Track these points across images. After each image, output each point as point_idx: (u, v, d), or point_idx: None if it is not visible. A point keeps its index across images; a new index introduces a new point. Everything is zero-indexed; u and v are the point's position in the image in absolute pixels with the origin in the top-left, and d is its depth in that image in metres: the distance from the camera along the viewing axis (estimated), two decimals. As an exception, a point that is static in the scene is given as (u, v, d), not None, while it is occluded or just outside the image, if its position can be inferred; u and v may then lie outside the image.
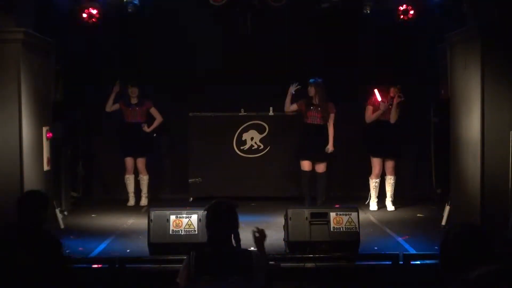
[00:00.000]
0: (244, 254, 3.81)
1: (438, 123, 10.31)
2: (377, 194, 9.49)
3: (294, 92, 9.51)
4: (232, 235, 3.84)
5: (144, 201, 10.04)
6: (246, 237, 4.18)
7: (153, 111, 10.03)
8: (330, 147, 9.34)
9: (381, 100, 9.30)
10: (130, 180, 10.05)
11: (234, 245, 3.92)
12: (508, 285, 2.83)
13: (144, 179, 10.06)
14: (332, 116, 9.34)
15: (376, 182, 9.47)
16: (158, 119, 10.05)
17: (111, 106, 9.98)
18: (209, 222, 3.87)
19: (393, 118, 9.31)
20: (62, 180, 9.33)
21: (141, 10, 9.54)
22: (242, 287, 3.67)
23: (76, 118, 10.47)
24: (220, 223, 3.82)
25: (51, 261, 3.62)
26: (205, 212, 3.91)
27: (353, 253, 6.57)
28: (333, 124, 9.35)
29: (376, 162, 9.46)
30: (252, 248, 3.97)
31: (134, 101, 9.91)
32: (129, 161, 10.00)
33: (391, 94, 9.34)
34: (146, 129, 9.95)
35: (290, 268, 6.10)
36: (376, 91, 9.33)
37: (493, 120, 7.33)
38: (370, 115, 9.39)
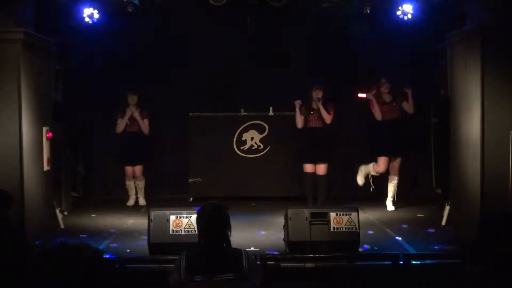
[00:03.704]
0: (234, 253, 3.82)
1: (438, 123, 10.32)
2: (371, 179, 9.55)
3: (301, 104, 9.30)
4: (223, 236, 3.84)
5: (142, 201, 10.07)
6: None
7: (145, 121, 9.92)
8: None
9: (366, 95, 9.31)
10: (131, 186, 10.12)
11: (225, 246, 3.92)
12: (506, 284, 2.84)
13: (141, 184, 10.13)
14: (332, 114, 9.30)
15: (377, 174, 9.47)
16: (145, 128, 9.92)
17: (121, 128, 9.95)
18: (198, 224, 3.92)
19: (411, 109, 9.33)
20: (62, 180, 9.33)
21: (141, 10, 9.55)
22: (234, 286, 3.68)
23: (76, 118, 10.47)
24: (209, 225, 3.85)
25: (18, 257, 3.62)
26: (196, 213, 3.95)
27: (353, 253, 6.57)
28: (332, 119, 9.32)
29: (383, 161, 9.38)
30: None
31: (133, 108, 9.92)
32: (129, 169, 10.06)
33: (384, 90, 9.31)
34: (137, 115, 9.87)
35: (290, 268, 6.11)
36: (359, 95, 9.35)
37: (493, 120, 7.32)
38: (377, 113, 9.38)
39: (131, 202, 10.08)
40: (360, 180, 9.64)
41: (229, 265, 3.73)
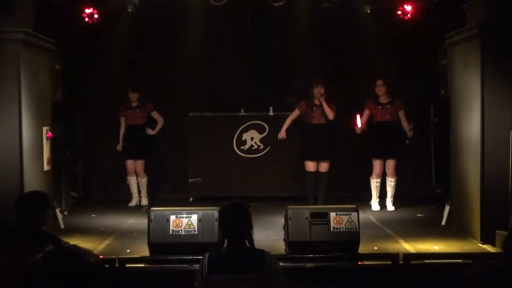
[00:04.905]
0: (257, 253, 3.81)
1: (438, 123, 10.32)
2: (378, 194, 9.48)
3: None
4: (245, 235, 3.84)
5: (144, 201, 10.04)
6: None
7: (155, 114, 10.02)
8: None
9: (359, 127, 9.27)
10: (132, 181, 10.05)
11: (248, 245, 3.92)
12: (503, 282, 2.85)
13: (143, 181, 10.07)
14: (334, 110, 9.30)
15: (377, 182, 9.45)
16: (160, 121, 10.04)
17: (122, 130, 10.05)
18: (222, 223, 3.90)
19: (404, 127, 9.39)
20: (62, 180, 9.33)
21: (141, 10, 9.56)
22: (256, 286, 3.67)
23: (76, 118, 10.47)
24: (233, 224, 3.83)
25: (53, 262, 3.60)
26: (218, 212, 3.93)
27: (353, 253, 6.57)
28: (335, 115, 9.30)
29: (376, 163, 9.45)
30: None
31: (134, 104, 9.91)
32: (130, 163, 10.01)
33: (379, 93, 9.28)
34: (151, 132, 9.97)
35: (290, 268, 6.10)
36: (358, 116, 9.29)
37: (493, 120, 7.33)
38: (357, 128, 9.35)
39: (133, 202, 10.02)
40: (375, 206, 9.50)
41: (251, 265, 3.71)
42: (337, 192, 10.23)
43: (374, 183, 9.47)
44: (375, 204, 9.47)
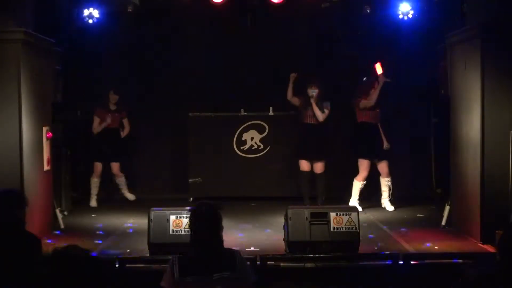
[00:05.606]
0: (227, 253, 3.86)
1: (438, 123, 10.32)
2: (358, 197, 9.38)
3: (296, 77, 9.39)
4: (215, 236, 3.86)
5: (130, 196, 10.26)
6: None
7: (125, 121, 10.14)
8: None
9: (381, 73, 9.12)
10: (96, 184, 10.06)
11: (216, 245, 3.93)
12: (505, 285, 2.85)
13: (121, 180, 10.25)
14: (326, 112, 9.28)
15: (362, 184, 9.33)
16: (127, 128, 10.17)
17: (97, 129, 9.99)
18: (192, 224, 3.92)
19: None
20: (62, 180, 9.32)
21: (141, 10, 9.56)
22: (229, 285, 3.69)
23: (76, 118, 10.47)
24: (202, 225, 3.85)
25: (31, 259, 3.60)
26: (189, 213, 3.94)
27: (353, 253, 6.57)
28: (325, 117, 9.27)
29: (365, 164, 9.29)
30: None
31: (112, 107, 9.96)
32: (98, 165, 10.04)
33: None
34: (122, 135, 10.13)
35: (290, 268, 6.11)
36: (378, 64, 9.15)
37: (493, 120, 7.33)
38: (365, 101, 9.21)
39: (93, 203, 10.00)
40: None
41: (223, 264, 3.75)
42: (337, 192, 10.22)
43: (360, 185, 9.31)
44: (353, 203, 9.28)
